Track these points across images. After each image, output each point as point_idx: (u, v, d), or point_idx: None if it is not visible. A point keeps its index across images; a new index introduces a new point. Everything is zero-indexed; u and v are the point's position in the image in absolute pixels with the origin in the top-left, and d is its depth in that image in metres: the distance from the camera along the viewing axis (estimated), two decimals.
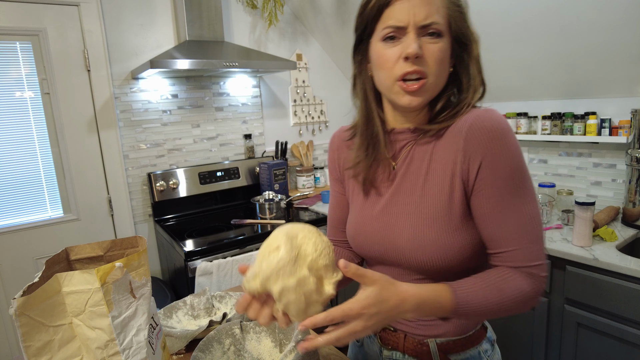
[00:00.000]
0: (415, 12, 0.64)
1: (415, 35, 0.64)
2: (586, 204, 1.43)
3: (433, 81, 0.66)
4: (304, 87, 2.70)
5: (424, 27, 0.64)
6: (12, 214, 1.87)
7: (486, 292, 0.62)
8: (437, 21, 0.65)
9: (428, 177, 0.71)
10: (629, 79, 1.65)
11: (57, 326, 0.60)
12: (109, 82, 2.01)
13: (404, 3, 0.64)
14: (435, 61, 0.65)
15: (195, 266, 1.69)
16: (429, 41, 0.65)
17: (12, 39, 1.78)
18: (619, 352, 1.36)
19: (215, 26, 2.12)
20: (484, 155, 0.64)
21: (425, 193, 0.70)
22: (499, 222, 0.65)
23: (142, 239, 0.76)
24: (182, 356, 0.90)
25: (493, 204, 0.65)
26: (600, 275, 1.37)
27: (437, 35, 0.65)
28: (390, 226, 0.73)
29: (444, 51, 0.66)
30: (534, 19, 1.66)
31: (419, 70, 0.65)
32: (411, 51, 0.63)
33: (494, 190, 0.64)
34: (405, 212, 0.72)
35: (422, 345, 0.75)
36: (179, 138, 2.27)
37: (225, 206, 2.38)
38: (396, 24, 0.65)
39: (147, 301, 0.68)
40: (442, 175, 0.69)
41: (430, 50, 0.65)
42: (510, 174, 0.63)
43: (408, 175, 0.74)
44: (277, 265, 0.55)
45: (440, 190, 0.69)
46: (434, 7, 0.65)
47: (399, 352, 0.79)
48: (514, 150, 0.64)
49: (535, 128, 2.03)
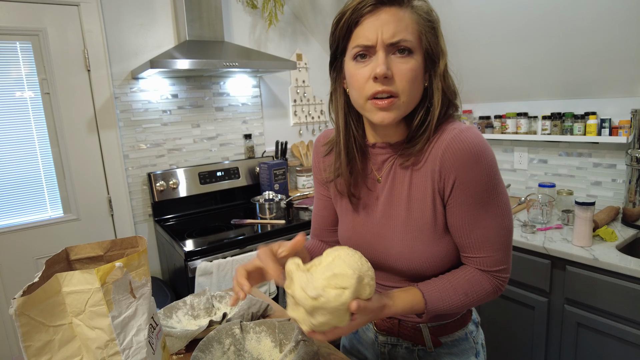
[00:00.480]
0: (384, 30, 0.64)
1: (385, 54, 0.65)
2: (586, 204, 1.43)
3: (405, 100, 0.67)
4: (304, 87, 2.70)
5: (392, 44, 0.64)
6: (12, 214, 1.87)
7: (452, 295, 0.71)
8: (405, 38, 0.64)
9: (411, 193, 0.75)
10: (629, 79, 1.65)
11: (57, 326, 0.60)
12: (109, 82, 2.01)
13: (372, 22, 0.65)
14: (406, 80, 0.66)
15: (195, 266, 1.69)
16: (399, 60, 0.65)
17: (12, 38, 1.78)
18: (619, 352, 1.36)
19: (215, 26, 2.12)
20: (457, 175, 0.68)
21: (410, 208, 0.75)
22: (467, 233, 0.71)
23: (142, 239, 0.76)
24: (182, 356, 0.90)
25: (463, 217, 0.70)
26: (600, 275, 1.37)
27: (407, 52, 0.65)
28: (382, 238, 0.78)
29: (414, 69, 0.66)
30: (534, 19, 1.66)
31: (389, 90, 0.66)
32: (379, 72, 0.64)
33: (464, 206, 0.70)
34: (395, 225, 0.76)
35: (415, 330, 0.82)
36: (179, 138, 2.27)
37: (225, 206, 2.38)
38: (365, 42, 0.65)
39: (147, 301, 0.68)
40: (423, 191, 0.73)
41: (400, 70, 0.65)
42: (479, 192, 0.68)
43: (394, 189, 0.77)
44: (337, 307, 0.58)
45: (423, 204, 0.73)
46: (403, 24, 0.65)
47: (393, 336, 0.85)
48: (485, 170, 0.67)
49: (535, 128, 2.03)
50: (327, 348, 0.89)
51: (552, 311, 1.53)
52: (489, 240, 0.71)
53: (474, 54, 1.99)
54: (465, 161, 0.67)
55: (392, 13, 0.64)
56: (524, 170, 2.15)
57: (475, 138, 0.67)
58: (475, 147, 0.67)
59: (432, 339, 0.82)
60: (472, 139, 0.67)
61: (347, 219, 0.84)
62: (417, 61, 0.66)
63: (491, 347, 1.77)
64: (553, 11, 1.58)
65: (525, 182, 2.16)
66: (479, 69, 2.05)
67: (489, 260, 0.72)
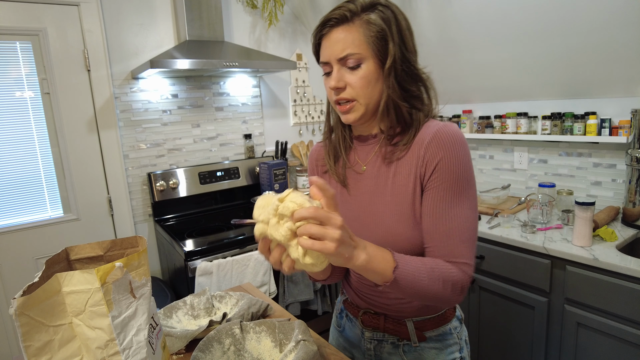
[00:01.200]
0: (334, 49, 0.75)
1: (338, 68, 0.76)
2: (586, 204, 1.43)
3: (363, 102, 0.77)
4: (304, 87, 2.70)
5: (341, 59, 0.75)
6: (12, 214, 1.87)
7: (420, 265, 0.70)
8: (352, 52, 0.74)
9: (395, 180, 0.80)
10: (629, 79, 1.65)
11: (57, 326, 0.60)
12: (109, 82, 2.01)
13: (326, 42, 0.77)
14: (358, 87, 0.75)
15: (195, 266, 1.69)
16: (349, 72, 0.76)
17: (12, 38, 1.78)
18: (619, 352, 1.36)
19: (215, 26, 2.12)
20: (440, 159, 0.74)
21: (393, 193, 0.80)
22: (437, 219, 0.74)
23: (142, 238, 0.76)
24: (182, 356, 0.90)
25: (437, 201, 0.75)
26: (600, 275, 1.37)
27: (357, 63, 0.74)
28: (368, 225, 0.82)
29: (365, 76, 0.75)
30: (534, 19, 1.66)
31: (344, 98, 0.77)
32: (331, 86, 0.77)
33: (439, 190, 0.74)
34: (379, 212, 0.81)
35: (401, 325, 0.86)
36: (179, 138, 2.27)
37: (225, 206, 2.38)
38: (323, 60, 0.78)
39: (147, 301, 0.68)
40: (406, 178, 0.78)
41: (350, 79, 0.76)
42: (456, 179, 0.74)
43: (378, 178, 0.83)
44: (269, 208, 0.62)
45: (405, 191, 0.78)
46: (349, 39, 0.74)
47: (379, 332, 0.88)
48: (463, 159, 0.74)
49: (535, 128, 2.03)
50: (327, 348, 0.89)
51: (552, 311, 1.53)
52: (457, 229, 0.73)
53: (474, 54, 1.99)
54: (449, 147, 0.74)
55: (341, 31, 0.74)
56: (524, 170, 2.15)
57: (458, 131, 0.76)
58: (458, 138, 0.75)
59: (417, 334, 0.85)
60: (456, 130, 0.76)
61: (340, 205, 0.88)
62: (368, 67, 0.75)
63: (491, 347, 1.77)
64: (553, 11, 1.58)
65: (525, 182, 2.16)
66: (479, 69, 2.05)
67: (454, 251, 0.73)
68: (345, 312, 0.98)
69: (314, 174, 0.96)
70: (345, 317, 0.97)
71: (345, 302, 0.98)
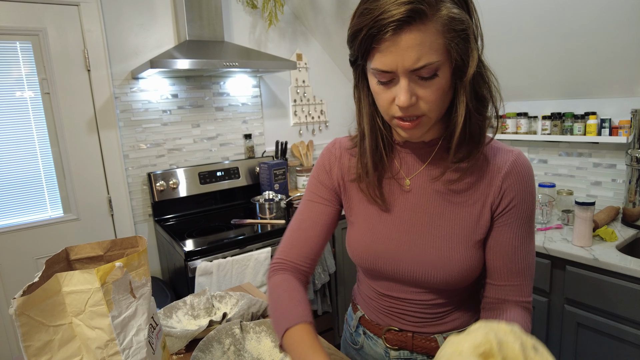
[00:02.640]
0: (404, 58, 0.57)
1: (407, 81, 0.59)
2: (586, 204, 1.43)
3: (432, 116, 0.63)
4: (304, 87, 2.70)
5: (415, 70, 0.58)
6: (12, 214, 1.87)
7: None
8: (430, 61, 0.57)
9: (456, 201, 0.72)
10: (629, 79, 1.65)
11: (57, 326, 0.60)
12: (109, 82, 2.01)
13: (391, 46, 0.57)
14: (432, 101, 0.61)
15: (195, 266, 1.69)
16: (423, 84, 0.60)
17: (12, 38, 1.78)
18: (619, 352, 1.36)
19: (215, 26, 2.12)
20: (516, 194, 0.69)
21: (453, 217, 0.71)
22: (511, 257, 0.70)
23: (142, 238, 0.76)
24: (182, 356, 0.90)
25: (511, 239, 0.70)
26: (600, 275, 1.37)
27: (433, 72, 0.59)
28: (411, 246, 0.73)
29: (440, 88, 0.61)
30: (534, 19, 1.66)
31: (413, 114, 0.62)
32: (401, 104, 0.60)
33: (514, 228, 0.70)
34: (429, 233, 0.72)
35: (430, 341, 0.78)
36: (179, 138, 2.27)
37: (225, 206, 2.38)
38: (384, 68, 0.59)
39: (147, 301, 0.68)
40: (472, 202, 0.71)
41: (425, 93, 0.60)
42: (529, 216, 0.71)
43: (427, 194, 0.73)
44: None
45: (469, 215, 0.71)
46: (427, 44, 0.56)
47: (407, 350, 0.80)
48: (534, 197, 0.71)
49: (535, 128, 2.03)
50: (327, 348, 0.89)
51: (552, 311, 1.53)
52: (528, 268, 0.71)
53: None
54: (527, 182, 0.69)
55: (415, 34, 0.55)
56: None
57: (530, 163, 0.72)
58: (532, 172, 0.71)
59: None
60: (529, 163, 0.71)
61: (364, 226, 0.78)
62: (445, 75, 0.60)
63: None
64: (553, 11, 1.58)
65: None
66: None
67: (524, 290, 0.71)
68: (362, 328, 0.87)
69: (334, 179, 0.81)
70: (364, 335, 0.86)
71: (362, 319, 0.87)
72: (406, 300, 0.78)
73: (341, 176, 0.81)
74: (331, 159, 0.82)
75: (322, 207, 0.81)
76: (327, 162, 0.82)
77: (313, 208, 0.82)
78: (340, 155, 0.81)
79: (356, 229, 0.80)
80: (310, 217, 0.81)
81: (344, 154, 0.81)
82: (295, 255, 0.80)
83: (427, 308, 0.77)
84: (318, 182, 0.83)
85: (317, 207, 0.82)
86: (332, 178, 0.82)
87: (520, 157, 0.70)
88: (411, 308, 0.78)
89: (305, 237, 0.80)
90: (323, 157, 0.83)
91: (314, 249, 0.80)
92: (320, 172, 0.83)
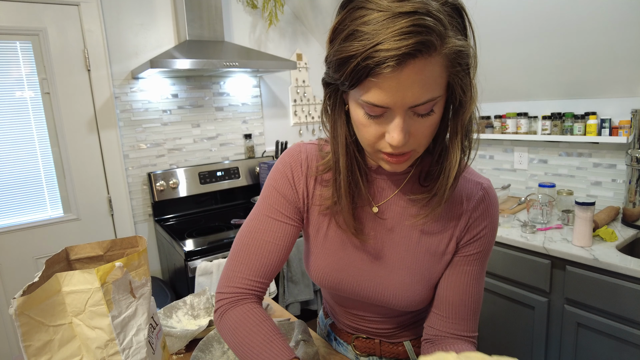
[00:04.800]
0: (406, 95, 0.50)
1: (403, 118, 0.52)
2: (586, 204, 1.42)
3: (420, 150, 0.59)
4: (304, 87, 2.70)
5: (416, 106, 0.52)
6: (12, 214, 1.87)
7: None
8: (433, 96, 0.51)
9: (424, 230, 0.69)
10: (629, 79, 1.65)
11: (57, 326, 0.60)
12: (109, 81, 2.01)
13: (391, 81, 0.49)
14: (424, 137, 0.56)
15: (195, 266, 1.69)
16: (418, 119, 0.54)
17: (12, 38, 1.78)
18: (619, 352, 1.36)
19: (216, 26, 2.12)
20: (482, 229, 0.68)
21: (420, 251, 0.69)
22: (465, 294, 0.69)
23: (142, 238, 0.76)
24: (182, 356, 0.90)
25: (467, 275, 0.69)
26: (600, 275, 1.37)
27: (431, 108, 0.53)
28: (380, 277, 0.71)
29: (434, 124, 0.55)
30: (534, 19, 1.66)
31: (405, 151, 0.57)
32: (395, 143, 0.53)
33: (472, 263, 0.69)
34: (398, 267, 0.70)
35: (398, 346, 0.81)
36: (179, 138, 2.27)
37: (225, 206, 2.38)
38: (379, 104, 0.51)
39: (147, 301, 0.68)
40: (440, 235, 0.69)
41: (419, 129, 0.54)
42: (487, 252, 0.70)
43: (395, 220, 0.69)
44: None
45: (436, 249, 0.69)
46: (431, 80, 0.50)
47: (376, 356, 0.83)
48: (496, 231, 0.71)
49: (535, 128, 2.03)
50: (327, 348, 0.89)
51: (552, 311, 1.53)
52: (479, 305, 0.70)
53: None
54: (493, 217, 0.68)
55: (419, 68, 0.48)
56: (524, 170, 2.15)
57: (498, 201, 0.71)
58: (498, 210, 0.70)
59: (416, 351, 0.81)
60: (497, 201, 0.70)
61: (327, 253, 0.72)
62: (439, 111, 0.55)
63: (491, 347, 1.77)
64: (553, 11, 1.58)
65: (525, 182, 2.16)
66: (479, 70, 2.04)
67: (473, 326, 0.70)
68: (333, 335, 0.89)
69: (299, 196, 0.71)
70: (335, 341, 0.89)
71: (332, 326, 0.89)
72: (369, 317, 0.80)
73: (307, 194, 0.72)
74: (297, 173, 0.71)
75: (285, 226, 0.71)
76: (291, 174, 0.71)
77: (275, 227, 0.70)
78: (306, 171, 0.71)
79: (318, 253, 0.74)
80: (272, 238, 0.70)
81: (311, 169, 0.71)
82: (257, 282, 0.70)
83: (390, 321, 0.79)
84: (280, 196, 0.71)
85: (279, 226, 0.70)
86: (298, 194, 0.71)
87: (490, 191, 0.69)
88: (375, 324, 0.80)
89: (267, 262, 0.69)
90: (286, 166, 0.72)
91: (274, 273, 0.71)
92: (283, 184, 0.71)
